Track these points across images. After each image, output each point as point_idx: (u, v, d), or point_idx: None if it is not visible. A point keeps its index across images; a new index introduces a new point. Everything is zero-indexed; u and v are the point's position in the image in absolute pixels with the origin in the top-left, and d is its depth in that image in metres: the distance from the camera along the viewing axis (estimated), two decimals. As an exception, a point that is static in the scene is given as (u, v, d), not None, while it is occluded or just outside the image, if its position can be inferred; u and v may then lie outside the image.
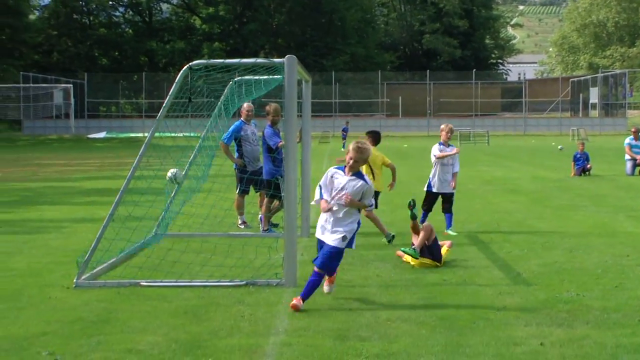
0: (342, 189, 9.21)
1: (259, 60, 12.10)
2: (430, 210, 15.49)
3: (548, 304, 9.31)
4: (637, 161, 28.22)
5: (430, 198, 15.49)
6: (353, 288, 10.27)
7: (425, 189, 15.60)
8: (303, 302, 9.05)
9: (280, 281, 10.46)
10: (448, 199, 15.34)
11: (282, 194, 11.95)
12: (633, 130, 29.83)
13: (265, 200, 15.22)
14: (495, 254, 12.71)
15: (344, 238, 9.18)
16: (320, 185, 9.45)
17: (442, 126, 15.70)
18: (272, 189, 14.80)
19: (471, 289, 10.19)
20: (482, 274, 11.22)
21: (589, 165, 28.01)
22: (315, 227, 13.83)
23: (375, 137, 14.92)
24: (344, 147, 49.43)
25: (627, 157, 28.50)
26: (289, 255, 10.53)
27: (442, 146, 15.42)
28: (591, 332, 8.07)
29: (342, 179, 9.30)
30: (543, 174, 28.94)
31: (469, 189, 23.42)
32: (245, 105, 15.68)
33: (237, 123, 15.82)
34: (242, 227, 15.75)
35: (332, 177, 9.36)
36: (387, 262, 12.06)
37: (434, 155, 15.38)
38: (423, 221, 15.09)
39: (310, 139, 15.30)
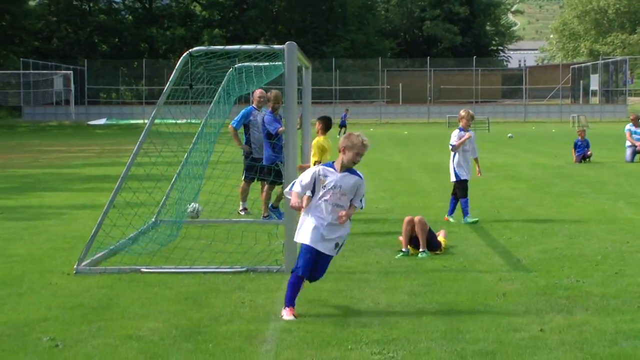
0: (334, 187, 8.29)
1: (259, 46, 12.08)
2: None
3: (548, 290, 9.32)
4: (637, 148, 28.21)
5: (464, 185, 14.86)
6: (353, 275, 10.29)
7: (453, 180, 15.01)
8: (294, 307, 8.30)
9: (280, 268, 10.47)
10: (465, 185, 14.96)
11: (283, 180, 11.95)
12: (632, 117, 29.82)
13: (266, 187, 15.21)
14: (495, 241, 12.72)
15: (336, 245, 8.39)
16: (296, 181, 8.47)
17: (462, 113, 15.09)
18: (272, 175, 14.77)
19: (471, 276, 10.20)
20: (482, 260, 11.23)
21: (589, 152, 28.01)
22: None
23: (327, 124, 13.92)
24: (339, 134, 49.33)
25: (628, 143, 28.50)
26: (290, 241, 10.54)
27: (462, 132, 14.91)
28: (591, 318, 8.08)
29: (332, 176, 8.34)
30: (543, 160, 28.94)
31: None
32: (257, 91, 15.61)
33: (247, 108, 15.82)
34: (242, 213, 15.76)
35: (320, 175, 8.32)
36: (387, 248, 12.07)
37: (451, 145, 14.89)
38: (465, 209, 14.73)
39: (310, 126, 15.29)
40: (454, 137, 14.92)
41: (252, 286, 9.67)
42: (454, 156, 14.98)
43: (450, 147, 14.94)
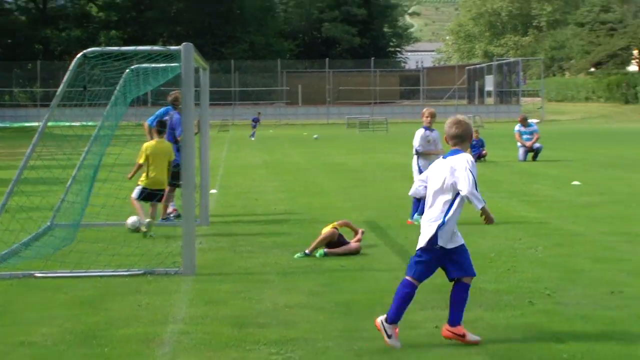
0: None
1: (155, 47, 12.03)
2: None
3: (444, 287, 9.38)
4: (528, 147, 28.90)
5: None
6: (252, 275, 10.28)
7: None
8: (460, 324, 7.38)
9: (178, 270, 10.40)
10: None
11: (181, 182, 11.87)
12: (520, 118, 30.55)
13: (168, 188, 14.99)
14: (393, 240, 12.88)
15: None
16: (472, 184, 7.25)
17: (424, 110, 14.97)
18: (175, 178, 14.56)
19: (369, 275, 10.31)
20: (380, 259, 11.35)
21: (484, 152, 28.57)
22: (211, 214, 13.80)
23: (163, 126, 14.07)
24: (252, 136, 49.05)
25: (519, 144, 29.17)
26: (188, 243, 10.49)
27: (427, 131, 14.64)
28: (484, 314, 8.26)
29: None
30: (440, 160, 29.32)
31: (368, 176, 23.66)
32: (177, 91, 15.33)
33: (165, 108, 15.60)
34: (173, 214, 15.35)
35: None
36: (286, 249, 12.08)
37: (417, 149, 14.55)
38: (422, 208, 14.42)
39: (208, 128, 15.24)
40: (418, 138, 14.60)
41: (150, 289, 9.58)
42: (417, 157, 14.72)
43: (415, 151, 14.66)
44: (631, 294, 9.05)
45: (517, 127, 29.62)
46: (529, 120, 30.65)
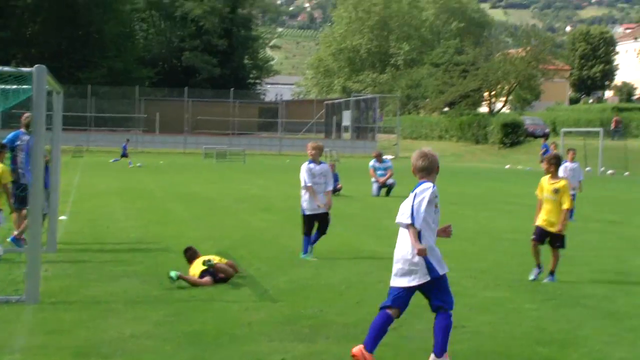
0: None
1: (6, 68, 11.67)
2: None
3: (292, 319, 9.51)
4: (381, 183, 29.46)
5: (310, 221, 14.35)
6: (98, 304, 10.05)
7: (302, 213, 14.47)
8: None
9: (20, 298, 10.07)
10: (324, 219, 14.44)
11: (28, 207, 11.53)
12: (375, 154, 31.18)
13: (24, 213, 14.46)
14: (245, 271, 12.83)
15: None
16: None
17: (309, 144, 14.64)
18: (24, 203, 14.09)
19: (218, 305, 10.24)
20: (230, 290, 11.30)
21: (339, 185, 28.89)
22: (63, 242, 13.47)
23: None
24: (117, 159, 48.00)
25: (373, 179, 29.70)
26: (32, 270, 10.17)
27: (312, 164, 14.40)
28: (331, 346, 8.31)
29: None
30: (296, 193, 29.47)
31: (223, 207, 23.58)
32: (27, 114, 14.88)
33: (15, 132, 15.09)
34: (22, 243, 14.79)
35: (435, 197, 7.68)
36: (136, 278, 11.89)
37: (304, 185, 14.34)
38: (313, 242, 14.32)
39: (60, 152, 14.90)
40: (302, 172, 14.35)
41: (-12, 317, 9.24)
42: (304, 193, 14.45)
43: (303, 183, 14.37)
44: (472, 329, 9.30)
45: (372, 162, 30.20)
46: (384, 157, 31.33)
